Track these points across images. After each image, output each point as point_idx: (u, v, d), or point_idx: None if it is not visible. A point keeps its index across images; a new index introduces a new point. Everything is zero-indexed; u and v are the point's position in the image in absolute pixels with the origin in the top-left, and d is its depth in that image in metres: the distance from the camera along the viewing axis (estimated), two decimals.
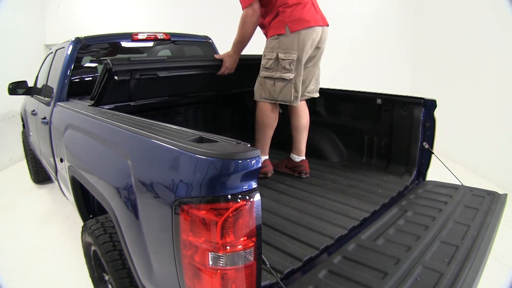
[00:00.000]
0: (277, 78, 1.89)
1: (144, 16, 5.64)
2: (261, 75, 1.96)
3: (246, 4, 1.86)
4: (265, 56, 1.93)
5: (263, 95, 1.97)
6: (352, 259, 1.24)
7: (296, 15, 1.83)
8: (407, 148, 2.02)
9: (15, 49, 4.76)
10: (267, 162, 2.11)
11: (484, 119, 3.68)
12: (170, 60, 1.88)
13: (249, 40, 1.99)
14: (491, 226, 1.43)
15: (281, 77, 1.88)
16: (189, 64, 2.03)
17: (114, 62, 1.63)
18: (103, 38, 2.52)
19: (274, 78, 1.90)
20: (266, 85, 1.94)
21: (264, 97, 1.97)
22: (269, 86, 1.93)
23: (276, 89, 1.91)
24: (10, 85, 2.84)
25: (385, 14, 5.60)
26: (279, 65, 1.87)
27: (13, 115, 4.68)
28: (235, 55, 2.07)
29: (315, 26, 1.86)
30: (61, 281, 2.11)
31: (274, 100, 1.95)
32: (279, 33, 1.85)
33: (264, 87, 1.95)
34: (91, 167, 1.45)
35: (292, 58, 1.84)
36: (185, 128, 1.10)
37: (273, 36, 1.88)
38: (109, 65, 1.61)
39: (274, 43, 1.88)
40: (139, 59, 1.73)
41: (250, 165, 0.80)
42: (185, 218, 0.83)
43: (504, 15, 3.34)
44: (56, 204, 3.28)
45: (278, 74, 1.88)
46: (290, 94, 1.91)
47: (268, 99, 1.96)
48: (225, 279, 0.83)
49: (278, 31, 1.85)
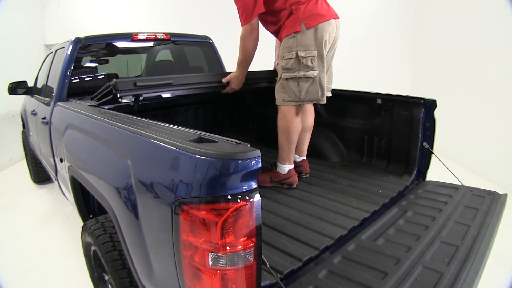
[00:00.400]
0: (300, 78, 1.79)
1: (144, 16, 5.64)
2: (282, 77, 1.84)
3: (245, 21, 1.82)
4: (284, 57, 1.83)
5: (287, 98, 1.85)
6: (352, 259, 1.24)
7: (310, 11, 1.77)
8: (407, 148, 2.02)
9: (15, 49, 4.76)
10: (292, 172, 1.98)
11: (484, 119, 3.68)
12: (177, 84, 1.82)
13: (252, 57, 1.94)
14: (491, 226, 1.43)
15: (305, 75, 1.79)
16: (195, 86, 1.96)
17: (119, 87, 1.58)
18: (103, 38, 2.52)
19: (297, 78, 1.80)
20: (290, 87, 1.83)
21: (289, 99, 1.85)
22: (293, 87, 1.82)
23: (301, 89, 1.81)
24: (10, 85, 2.84)
25: (385, 14, 5.60)
26: (300, 63, 1.78)
27: (13, 115, 4.68)
28: (241, 76, 2.00)
29: (331, 20, 1.81)
30: (61, 281, 2.11)
31: (300, 102, 1.84)
32: (296, 31, 1.77)
33: (287, 89, 1.84)
34: (91, 167, 1.45)
35: (313, 54, 1.77)
36: (185, 128, 1.10)
37: (289, 35, 1.79)
38: (114, 90, 1.58)
39: (291, 41, 1.79)
40: (145, 83, 1.67)
41: (250, 166, 0.80)
42: (185, 218, 0.83)
43: (504, 15, 3.34)
44: (56, 204, 3.28)
45: (302, 73, 1.79)
46: (317, 92, 1.84)
47: (293, 101, 1.84)
48: (225, 280, 0.83)
49: (294, 29, 1.77)
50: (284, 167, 1.96)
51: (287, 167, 1.95)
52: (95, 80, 2.58)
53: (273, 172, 1.98)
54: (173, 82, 1.79)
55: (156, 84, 1.73)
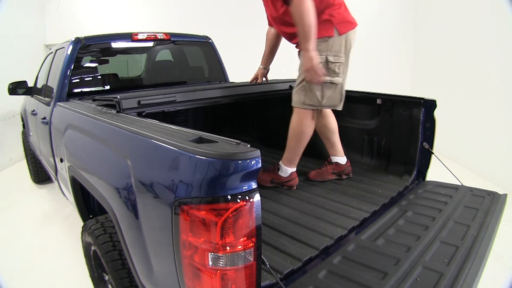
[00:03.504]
0: (326, 83, 1.76)
1: (144, 16, 5.64)
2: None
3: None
4: None
5: (307, 101, 1.80)
6: (352, 259, 1.24)
7: (342, 17, 1.75)
8: (407, 148, 2.02)
9: (15, 49, 4.77)
10: (294, 175, 1.96)
11: (484, 119, 3.68)
12: (181, 101, 1.82)
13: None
14: (491, 226, 1.43)
15: (331, 81, 1.77)
16: (198, 103, 1.93)
17: (123, 104, 1.58)
18: (103, 38, 2.52)
19: (323, 83, 1.76)
20: (313, 91, 1.77)
21: (309, 103, 1.80)
22: (316, 92, 1.77)
23: (324, 94, 1.79)
24: (10, 85, 2.84)
25: (385, 14, 5.60)
26: (328, 68, 1.75)
27: (13, 115, 4.68)
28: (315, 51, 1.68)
29: (355, 28, 1.80)
30: (61, 281, 2.11)
31: (319, 106, 1.82)
32: (329, 35, 1.72)
33: (310, 92, 1.78)
34: (91, 167, 1.45)
35: (341, 61, 1.76)
36: (185, 128, 1.10)
37: (321, 39, 1.72)
38: (118, 108, 1.58)
39: (323, 45, 1.73)
40: (149, 101, 1.68)
41: (250, 166, 0.80)
42: (185, 218, 0.83)
43: (504, 15, 3.34)
44: (56, 204, 3.28)
45: (329, 78, 1.76)
46: (338, 99, 1.83)
47: (313, 105, 1.80)
48: (225, 280, 0.83)
49: (327, 33, 1.72)
50: (287, 169, 1.94)
51: (290, 170, 1.94)
52: (95, 80, 2.58)
53: (274, 173, 1.96)
54: (176, 99, 1.79)
55: (160, 102, 1.73)
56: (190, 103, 1.88)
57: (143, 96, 1.67)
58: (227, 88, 2.07)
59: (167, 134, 1.02)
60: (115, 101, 1.58)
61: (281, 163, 1.96)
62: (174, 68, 3.10)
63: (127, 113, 1.57)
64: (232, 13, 5.41)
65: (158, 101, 1.72)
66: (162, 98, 1.74)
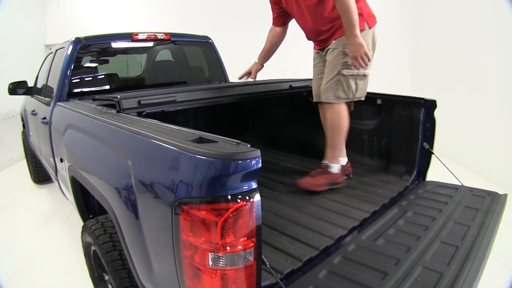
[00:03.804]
0: (359, 76, 1.82)
1: (144, 16, 5.64)
2: (344, 73, 1.80)
3: None
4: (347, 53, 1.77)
5: (342, 95, 1.83)
6: (352, 259, 1.24)
7: (369, 11, 1.81)
8: (407, 149, 2.02)
9: (15, 49, 4.77)
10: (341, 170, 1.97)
11: (484, 119, 3.68)
12: (181, 101, 1.82)
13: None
14: (491, 227, 1.43)
15: (364, 73, 1.84)
16: (199, 103, 1.92)
17: (123, 104, 1.58)
18: (103, 38, 2.52)
19: (358, 75, 1.82)
20: (349, 84, 1.81)
21: (343, 97, 1.84)
22: (352, 84, 1.82)
23: (357, 87, 1.84)
24: (10, 85, 2.85)
25: (385, 14, 5.60)
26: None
27: (13, 115, 4.68)
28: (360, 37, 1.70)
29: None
30: (61, 281, 2.11)
31: (351, 99, 1.87)
32: (361, 29, 1.75)
33: (345, 86, 1.82)
34: (91, 167, 1.45)
35: (371, 54, 1.79)
36: (185, 128, 1.10)
37: None
38: (118, 107, 1.58)
39: None
40: (149, 101, 1.68)
41: (250, 166, 0.80)
42: (185, 218, 0.83)
43: (504, 15, 3.34)
44: (56, 204, 3.28)
45: (363, 71, 1.82)
46: (365, 90, 1.90)
47: (346, 98, 1.85)
48: (225, 280, 0.83)
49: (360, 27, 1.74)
50: (336, 166, 1.92)
51: (338, 166, 1.93)
52: (95, 80, 2.58)
53: (329, 174, 1.90)
54: (176, 99, 1.79)
55: (160, 102, 1.74)
56: (190, 103, 1.89)
57: (143, 96, 1.67)
58: (227, 88, 2.07)
59: (167, 134, 1.02)
60: (115, 101, 1.58)
61: (329, 163, 1.92)
62: (174, 68, 3.10)
63: (127, 113, 1.57)
64: (232, 13, 5.41)
65: (158, 101, 1.73)
66: (162, 98, 1.74)
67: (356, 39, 1.68)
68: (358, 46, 1.68)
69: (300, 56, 3.99)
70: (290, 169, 2.30)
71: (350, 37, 1.70)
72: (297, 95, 2.46)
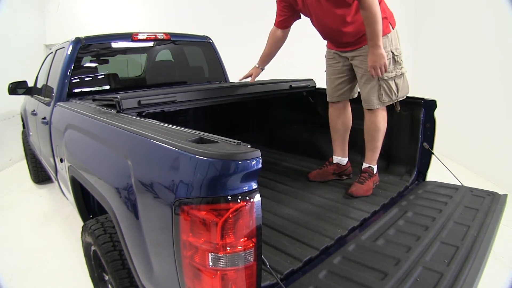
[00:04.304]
0: (398, 76, 1.83)
1: (144, 16, 5.64)
2: (384, 77, 1.78)
3: None
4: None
5: (386, 99, 1.84)
6: (352, 259, 1.24)
7: (390, 11, 1.83)
8: (407, 149, 2.02)
9: (15, 49, 4.76)
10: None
11: (484, 119, 3.68)
12: (181, 101, 1.82)
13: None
14: (491, 227, 1.43)
15: (401, 72, 1.84)
16: (199, 103, 1.93)
17: (123, 104, 1.58)
18: (103, 38, 2.52)
19: (396, 76, 1.83)
20: (391, 86, 1.82)
21: (387, 100, 1.84)
22: (393, 86, 1.83)
23: (398, 87, 1.85)
24: (10, 85, 2.84)
25: None
26: (396, 62, 1.82)
27: (13, 115, 4.68)
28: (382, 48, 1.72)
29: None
30: (61, 281, 2.11)
31: (394, 100, 1.86)
32: (388, 32, 1.79)
33: (387, 89, 1.82)
34: (91, 167, 1.45)
35: (401, 51, 1.82)
36: (185, 129, 1.10)
37: (384, 36, 1.75)
38: (118, 107, 1.58)
39: (386, 42, 1.78)
40: (149, 101, 1.69)
41: (250, 166, 0.80)
42: (185, 218, 0.83)
43: (504, 15, 3.34)
44: (56, 204, 3.28)
45: (399, 71, 1.83)
46: (408, 87, 1.89)
47: (390, 100, 1.85)
48: (225, 280, 0.83)
49: (387, 30, 1.78)
50: (376, 167, 1.96)
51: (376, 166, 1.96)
52: (95, 80, 2.58)
53: (373, 176, 1.92)
54: (176, 99, 1.79)
55: (160, 102, 1.74)
56: (190, 103, 1.88)
57: (143, 96, 1.67)
58: (227, 88, 2.07)
59: (167, 134, 1.02)
60: (115, 101, 1.58)
61: (372, 166, 1.94)
62: (174, 68, 3.10)
63: (127, 113, 1.57)
64: (232, 13, 5.41)
65: (158, 101, 1.73)
66: (162, 98, 1.74)
67: (379, 49, 1.68)
68: (380, 56, 1.69)
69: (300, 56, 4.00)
70: (290, 169, 2.30)
71: (372, 47, 1.69)
72: (297, 95, 2.46)
